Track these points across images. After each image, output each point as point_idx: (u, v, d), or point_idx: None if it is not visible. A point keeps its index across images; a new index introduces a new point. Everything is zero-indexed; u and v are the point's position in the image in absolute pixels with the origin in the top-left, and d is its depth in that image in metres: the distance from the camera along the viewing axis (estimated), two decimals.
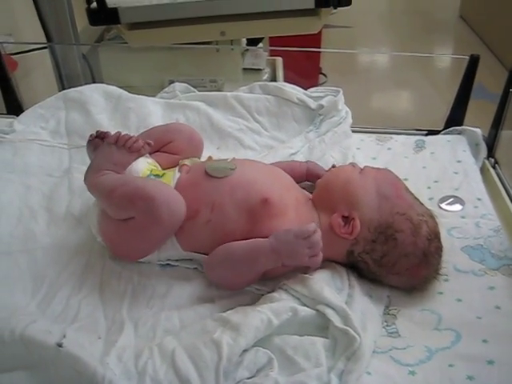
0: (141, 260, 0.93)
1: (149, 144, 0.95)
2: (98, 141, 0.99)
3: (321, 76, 3.12)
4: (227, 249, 0.85)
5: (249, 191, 0.89)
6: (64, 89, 1.77)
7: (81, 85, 1.74)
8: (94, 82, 1.81)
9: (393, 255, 0.86)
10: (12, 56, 1.90)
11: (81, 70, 1.81)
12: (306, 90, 1.27)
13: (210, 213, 0.88)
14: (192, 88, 1.31)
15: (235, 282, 0.87)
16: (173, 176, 0.94)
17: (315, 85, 3.06)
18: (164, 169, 0.99)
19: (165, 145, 1.02)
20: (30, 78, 2.07)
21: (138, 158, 0.95)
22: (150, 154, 1.00)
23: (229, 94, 1.26)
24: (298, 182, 1.00)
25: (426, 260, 0.87)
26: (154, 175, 0.94)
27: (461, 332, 0.82)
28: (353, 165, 0.97)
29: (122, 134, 0.94)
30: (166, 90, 1.31)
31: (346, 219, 0.88)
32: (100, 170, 0.92)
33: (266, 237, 0.85)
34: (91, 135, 1.00)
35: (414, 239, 0.86)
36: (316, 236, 0.82)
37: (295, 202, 0.91)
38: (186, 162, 0.99)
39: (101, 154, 0.95)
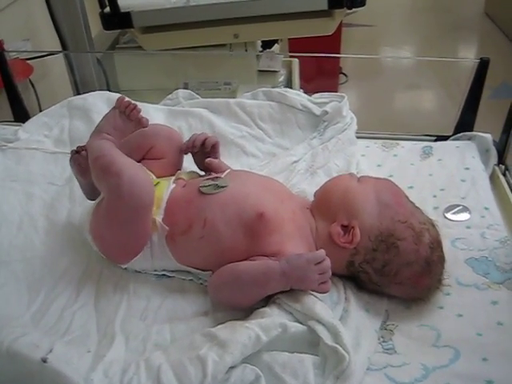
0: (137, 269, 0.93)
1: (144, 121, 0.96)
2: (78, 156, 0.98)
3: (341, 76, 3.09)
4: (234, 270, 0.83)
5: (242, 206, 0.88)
6: (79, 93, 1.81)
7: (95, 90, 1.76)
8: (108, 87, 1.83)
9: (395, 264, 0.84)
10: (28, 61, 1.93)
11: (95, 75, 1.83)
12: (310, 95, 1.25)
13: (202, 229, 0.87)
14: (195, 95, 1.30)
15: (241, 303, 0.85)
16: (167, 186, 0.94)
17: (335, 85, 3.04)
18: (158, 177, 0.98)
19: (147, 152, 1.01)
20: (46, 82, 2.10)
21: (137, 128, 0.96)
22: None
23: (232, 100, 1.25)
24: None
25: (428, 269, 0.85)
26: None
27: (460, 349, 0.79)
28: (350, 174, 0.96)
29: (126, 100, 0.96)
30: (169, 96, 1.31)
31: (346, 228, 0.87)
32: (101, 132, 0.95)
33: (267, 253, 0.84)
34: (71, 151, 1.00)
35: (416, 247, 0.84)
36: (327, 262, 0.81)
37: (291, 214, 0.90)
38: (183, 175, 0.98)
39: (105, 116, 0.97)
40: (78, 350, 0.77)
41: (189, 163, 1.11)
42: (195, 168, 1.12)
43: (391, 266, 0.84)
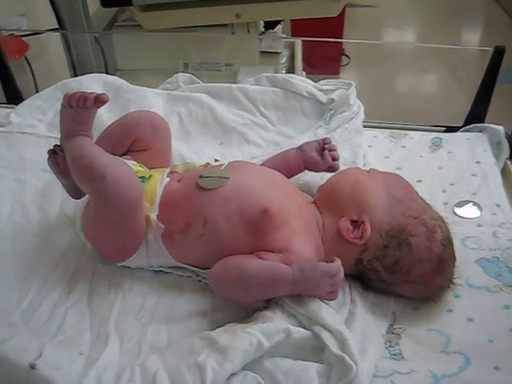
0: (132, 266, 0.89)
1: (103, 99, 0.84)
2: (55, 156, 0.91)
3: (343, 57, 3.03)
4: (243, 268, 0.79)
5: (245, 202, 0.83)
6: (75, 72, 1.75)
7: (92, 69, 1.70)
8: (106, 66, 1.78)
9: (407, 261, 0.81)
10: (24, 38, 1.87)
11: (93, 54, 1.78)
12: (313, 80, 1.19)
13: (203, 227, 0.83)
14: (196, 79, 1.25)
15: (243, 301, 0.81)
16: (160, 180, 0.89)
17: (338, 67, 2.99)
18: (151, 168, 0.94)
19: (131, 144, 0.95)
20: (43, 59, 2.04)
21: (97, 109, 0.87)
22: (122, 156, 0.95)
23: (234, 85, 1.20)
24: (296, 174, 0.96)
25: (441, 267, 0.82)
26: (141, 178, 0.88)
27: (470, 356, 0.76)
28: (358, 168, 0.92)
29: (72, 93, 0.86)
30: (168, 80, 1.25)
31: (355, 223, 0.83)
32: (69, 135, 0.86)
33: (273, 249, 0.80)
34: (48, 151, 0.93)
35: (429, 244, 0.81)
36: (341, 274, 0.77)
37: (297, 208, 0.85)
38: (178, 168, 0.93)
39: (62, 119, 0.89)
40: (69, 352, 0.74)
41: (184, 150, 1.06)
42: (193, 155, 1.08)
43: (403, 263, 0.81)
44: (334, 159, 0.95)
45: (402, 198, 0.84)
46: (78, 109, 0.85)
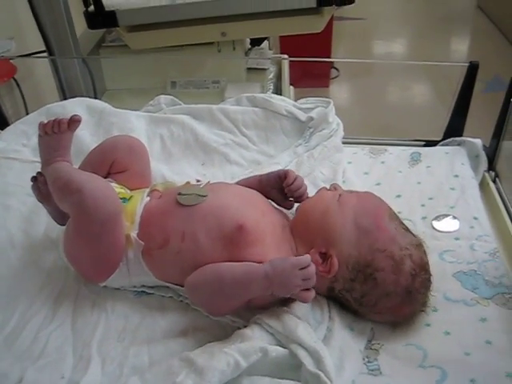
0: (115, 286, 0.91)
1: (76, 119, 0.90)
2: (37, 182, 0.96)
3: (333, 70, 3.06)
4: (216, 270, 0.81)
5: (222, 218, 0.85)
6: (64, 93, 1.77)
7: (80, 90, 1.72)
8: (94, 87, 1.80)
9: (373, 295, 0.81)
10: (12, 60, 1.89)
11: (81, 75, 1.79)
12: (295, 101, 1.21)
13: (181, 242, 0.85)
14: (178, 101, 1.27)
15: (218, 306, 0.82)
16: (140, 199, 0.91)
17: (327, 80, 3.01)
18: (132, 189, 0.96)
19: (110, 167, 0.98)
20: (32, 80, 2.06)
21: (72, 133, 0.92)
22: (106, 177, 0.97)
23: (215, 106, 1.22)
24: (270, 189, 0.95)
25: (409, 298, 0.81)
26: (122, 199, 0.90)
27: (447, 370, 0.77)
28: (335, 187, 0.92)
29: (44, 122, 0.91)
30: (151, 103, 1.27)
31: (324, 255, 0.83)
32: (48, 162, 0.91)
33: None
34: (31, 178, 0.97)
35: (395, 277, 0.80)
36: (312, 268, 0.78)
37: (272, 227, 0.87)
38: (158, 186, 0.95)
39: (40, 148, 0.93)
40: (50, 376, 0.75)
41: (166, 171, 1.08)
42: (175, 176, 1.09)
43: (370, 296, 0.81)
44: (296, 195, 0.94)
45: (370, 229, 0.83)
46: (54, 135, 0.89)
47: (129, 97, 1.73)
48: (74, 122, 0.90)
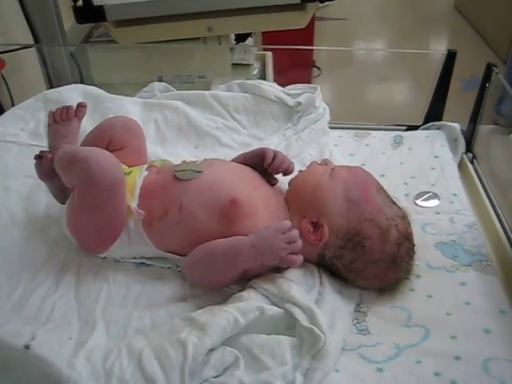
0: (115, 257, 0.95)
1: (82, 106, 1.02)
2: (40, 160, 1.01)
3: (314, 69, 3.12)
4: (207, 247, 0.86)
5: (216, 192, 0.90)
6: (52, 87, 1.80)
7: (69, 83, 1.75)
8: (81, 80, 1.83)
9: (361, 262, 0.87)
10: (0, 55, 1.91)
11: (68, 69, 1.82)
12: (283, 87, 1.27)
13: (179, 214, 0.89)
14: (171, 87, 1.31)
15: (214, 281, 0.87)
16: (139, 174, 0.96)
17: (309, 78, 3.07)
18: (130, 166, 1.00)
19: (108, 144, 1.03)
20: (19, 76, 2.08)
21: (80, 121, 1.03)
22: None
23: (207, 92, 1.27)
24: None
25: (394, 265, 0.87)
26: None
27: (430, 328, 0.82)
28: (326, 162, 0.98)
29: (54, 109, 1.01)
30: (144, 89, 1.32)
31: (316, 225, 0.89)
32: (56, 148, 1.00)
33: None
34: (34, 156, 1.02)
35: (382, 245, 0.86)
36: (295, 232, 0.83)
37: (265, 200, 0.92)
38: (156, 163, 1.00)
39: (49, 136, 1.02)
40: (59, 337, 0.78)
41: (162, 153, 1.12)
42: (170, 158, 1.14)
43: (358, 263, 0.87)
44: (281, 171, 0.98)
45: (359, 201, 0.88)
46: (63, 122, 0.98)
47: (116, 91, 1.76)
48: (80, 108, 0.97)
